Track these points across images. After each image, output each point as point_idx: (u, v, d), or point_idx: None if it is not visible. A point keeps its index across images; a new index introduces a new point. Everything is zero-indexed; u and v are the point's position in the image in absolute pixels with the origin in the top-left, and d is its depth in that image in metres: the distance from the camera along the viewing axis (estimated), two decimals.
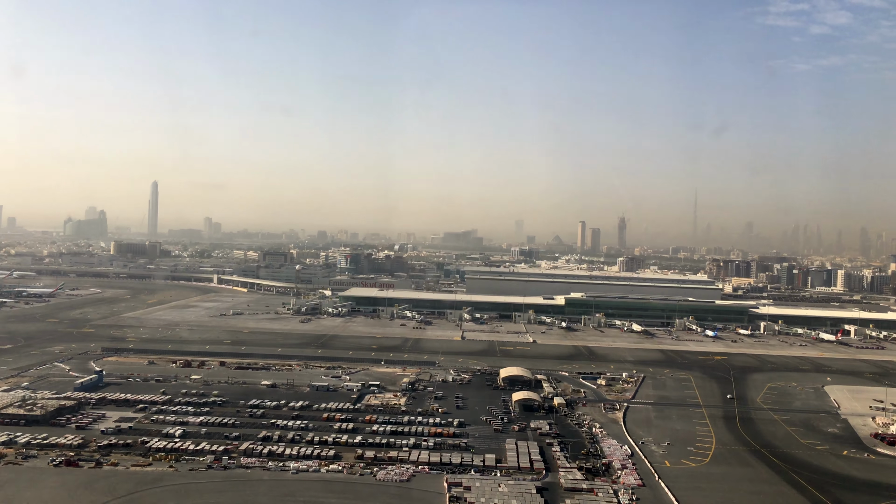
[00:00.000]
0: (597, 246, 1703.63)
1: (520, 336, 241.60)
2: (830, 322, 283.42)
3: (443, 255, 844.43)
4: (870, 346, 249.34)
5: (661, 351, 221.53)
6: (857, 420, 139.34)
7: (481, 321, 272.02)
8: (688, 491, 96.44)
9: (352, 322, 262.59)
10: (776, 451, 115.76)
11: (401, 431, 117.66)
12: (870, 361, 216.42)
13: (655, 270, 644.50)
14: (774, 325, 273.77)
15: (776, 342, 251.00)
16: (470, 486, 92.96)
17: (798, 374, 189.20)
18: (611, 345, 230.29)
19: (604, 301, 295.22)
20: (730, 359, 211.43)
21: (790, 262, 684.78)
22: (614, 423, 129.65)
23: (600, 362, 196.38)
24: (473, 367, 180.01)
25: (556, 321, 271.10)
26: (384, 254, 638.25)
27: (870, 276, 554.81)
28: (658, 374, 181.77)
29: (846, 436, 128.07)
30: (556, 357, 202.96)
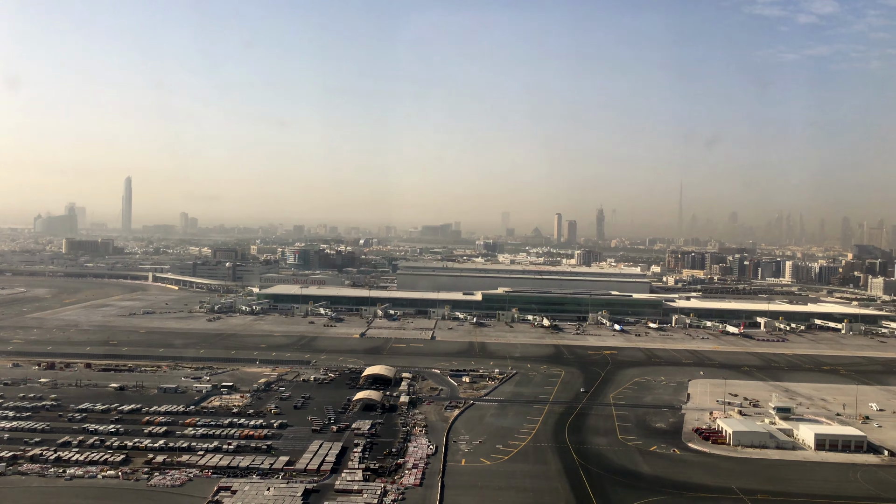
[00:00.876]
0: (573, 238, 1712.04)
1: (423, 332, 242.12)
2: (745, 315, 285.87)
3: (407, 249, 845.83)
4: (773, 338, 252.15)
5: (555, 346, 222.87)
6: (693, 415, 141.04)
7: (394, 318, 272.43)
8: (461, 489, 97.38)
9: (260, 320, 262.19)
10: (582, 448, 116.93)
11: (210, 435, 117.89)
12: (758, 354, 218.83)
13: (611, 263, 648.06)
14: (685, 319, 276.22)
15: (680, 335, 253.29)
16: (236, 490, 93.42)
17: (674, 368, 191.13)
18: (510, 340, 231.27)
19: (520, 296, 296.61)
20: (619, 353, 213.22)
21: (742, 253, 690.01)
22: (443, 422, 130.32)
23: (485, 358, 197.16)
24: (346, 365, 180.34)
25: (468, 317, 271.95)
26: (339, 249, 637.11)
27: (818, 268, 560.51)
28: (534, 369, 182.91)
29: (670, 431, 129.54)
30: (444, 354, 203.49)
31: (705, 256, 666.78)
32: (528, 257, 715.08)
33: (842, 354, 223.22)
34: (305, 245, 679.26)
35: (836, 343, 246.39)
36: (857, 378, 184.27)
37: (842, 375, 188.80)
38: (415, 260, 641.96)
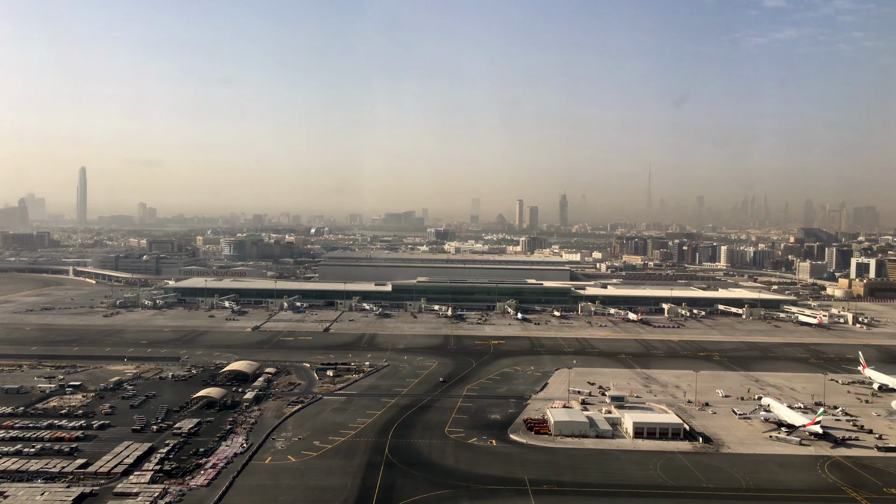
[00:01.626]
0: (534, 224, 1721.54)
1: (320, 325, 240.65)
2: (652, 301, 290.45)
3: (357, 238, 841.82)
4: (671, 325, 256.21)
5: (445, 336, 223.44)
6: (537, 405, 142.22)
7: (299, 310, 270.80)
8: (247, 489, 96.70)
9: (160, 315, 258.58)
10: (398, 442, 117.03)
11: (20, 438, 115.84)
12: (644, 341, 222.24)
13: (553, 251, 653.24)
14: (591, 306, 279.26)
15: (580, 323, 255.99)
16: (8, 496, 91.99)
17: (551, 357, 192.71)
18: (404, 332, 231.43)
19: (430, 286, 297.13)
20: (507, 342, 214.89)
21: (682, 238, 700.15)
22: (276, 419, 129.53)
23: (367, 350, 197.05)
24: (216, 361, 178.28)
25: (375, 308, 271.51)
26: (279, 239, 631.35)
27: (752, 252, 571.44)
28: (409, 361, 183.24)
29: (502, 423, 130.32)
30: (329, 347, 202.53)
31: (647, 242, 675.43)
32: (475, 245, 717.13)
33: (727, 340, 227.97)
34: (247, 235, 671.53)
35: (729, 328, 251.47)
36: (726, 364, 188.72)
37: (714, 361, 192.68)
38: (362, 249, 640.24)
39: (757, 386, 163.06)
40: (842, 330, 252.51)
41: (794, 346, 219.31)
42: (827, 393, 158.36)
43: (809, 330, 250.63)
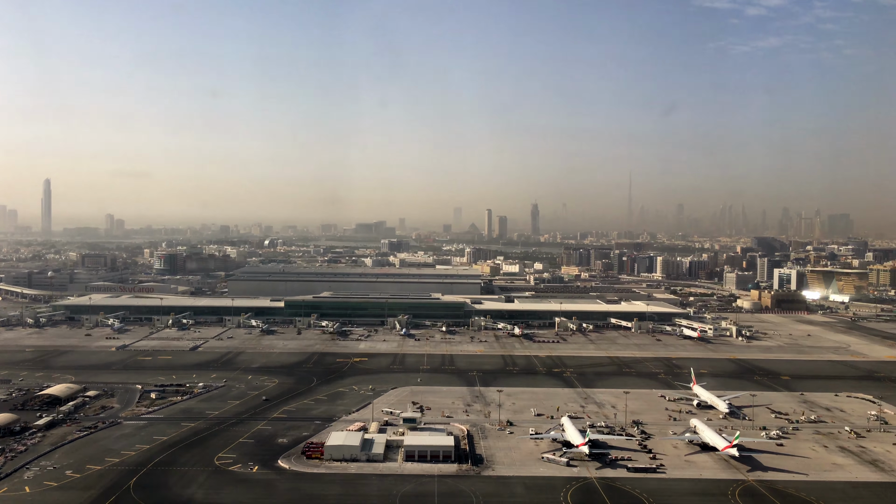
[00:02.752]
0: (504, 233, 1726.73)
1: (193, 343, 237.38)
2: (548, 315, 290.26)
3: (309, 250, 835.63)
4: (552, 339, 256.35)
5: (310, 354, 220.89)
6: (340, 426, 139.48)
7: (184, 327, 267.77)
8: None
9: (36, 334, 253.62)
10: (156, 471, 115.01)
11: None
12: (509, 357, 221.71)
13: (495, 262, 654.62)
14: (481, 321, 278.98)
15: (462, 339, 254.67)
16: None
17: (401, 375, 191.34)
18: (274, 349, 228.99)
19: (324, 302, 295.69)
20: (369, 360, 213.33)
21: (622, 249, 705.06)
22: (50, 446, 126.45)
23: (219, 371, 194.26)
24: (41, 384, 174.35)
25: (261, 325, 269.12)
26: (213, 252, 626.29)
27: (687, 263, 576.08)
28: (254, 380, 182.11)
29: (287, 446, 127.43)
30: (184, 366, 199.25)
31: (590, 253, 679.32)
32: (423, 256, 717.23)
33: (595, 355, 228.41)
34: (187, 248, 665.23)
35: (608, 343, 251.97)
36: (570, 381, 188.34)
37: (561, 378, 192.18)
38: (310, 262, 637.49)
39: (580, 403, 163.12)
40: (721, 343, 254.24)
41: (657, 360, 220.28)
42: (649, 409, 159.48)
43: (687, 343, 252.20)
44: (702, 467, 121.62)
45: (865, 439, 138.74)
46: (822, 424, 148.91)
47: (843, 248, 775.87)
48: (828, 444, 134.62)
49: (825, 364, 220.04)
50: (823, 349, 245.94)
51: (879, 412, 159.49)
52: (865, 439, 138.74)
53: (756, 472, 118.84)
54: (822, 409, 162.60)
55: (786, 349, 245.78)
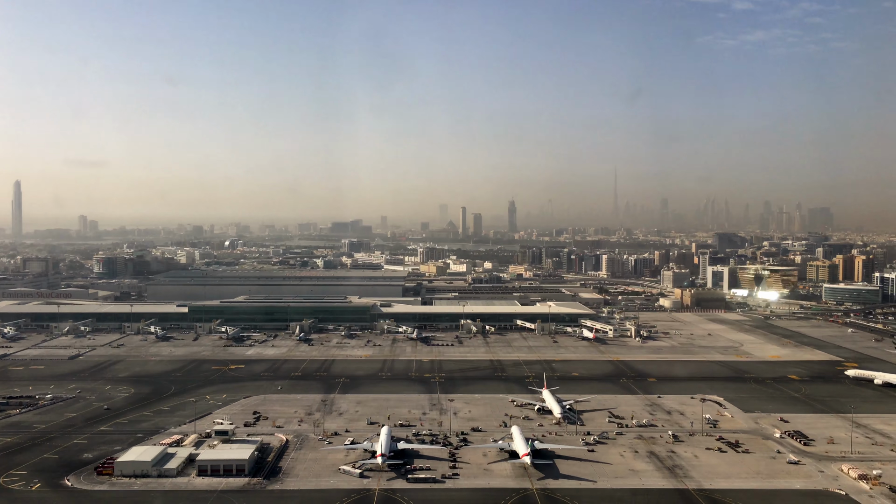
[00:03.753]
0: (479, 231, 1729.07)
1: (75, 351, 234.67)
2: (456, 317, 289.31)
3: (269, 251, 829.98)
4: (451, 342, 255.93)
5: (190, 361, 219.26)
6: (161, 438, 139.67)
7: (82, 334, 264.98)
8: None
9: None
10: None
11: None
12: (390, 362, 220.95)
13: (454, 260, 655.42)
14: (384, 325, 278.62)
15: (357, 343, 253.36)
16: None
17: (265, 383, 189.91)
18: (160, 357, 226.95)
19: (229, 307, 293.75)
20: (248, 366, 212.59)
21: (570, 248, 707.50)
22: None
23: (83, 381, 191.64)
24: None
25: (158, 331, 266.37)
26: (157, 254, 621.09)
27: (633, 261, 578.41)
28: (112, 389, 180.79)
29: (90, 461, 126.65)
30: (52, 376, 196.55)
31: (542, 251, 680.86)
32: (378, 257, 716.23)
33: (478, 358, 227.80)
34: (135, 251, 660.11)
35: (503, 345, 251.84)
36: (431, 386, 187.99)
37: (427, 383, 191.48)
38: (263, 263, 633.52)
39: (425, 409, 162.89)
40: (615, 345, 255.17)
41: (538, 363, 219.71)
42: (492, 415, 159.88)
43: (581, 345, 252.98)
44: (497, 475, 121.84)
45: (683, 444, 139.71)
46: (652, 429, 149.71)
47: (796, 244, 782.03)
48: (639, 450, 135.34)
49: (704, 365, 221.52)
50: (713, 349, 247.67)
51: (717, 415, 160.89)
52: (683, 444, 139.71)
53: (547, 480, 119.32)
54: (664, 412, 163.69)
55: (676, 350, 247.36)
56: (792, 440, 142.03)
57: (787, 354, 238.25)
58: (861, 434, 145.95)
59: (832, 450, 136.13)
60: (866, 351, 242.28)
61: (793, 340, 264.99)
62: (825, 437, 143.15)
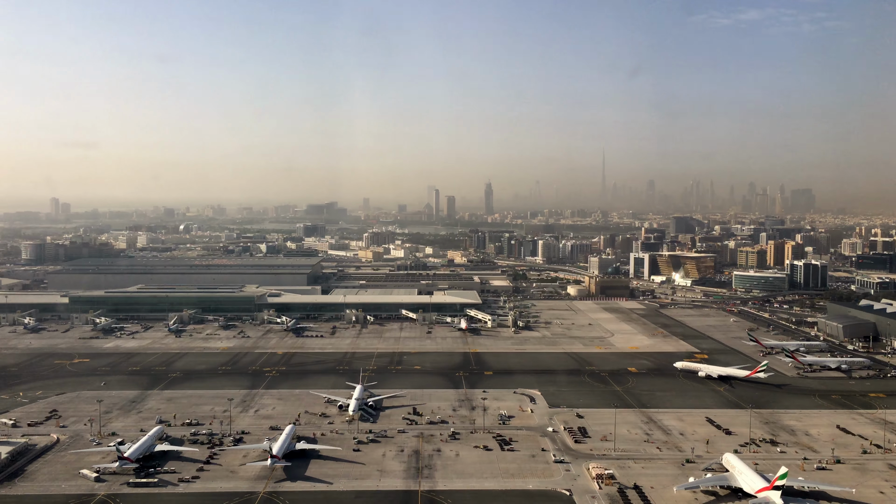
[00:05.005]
0: (452, 213, 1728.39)
1: None
2: (342, 307, 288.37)
3: (220, 235, 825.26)
4: (324, 333, 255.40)
5: (36, 355, 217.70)
6: None
7: None
8: None
9: None
10: None
11: None
12: (234, 353, 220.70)
13: (399, 244, 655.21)
14: (264, 315, 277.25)
15: (230, 335, 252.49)
16: None
17: (84, 379, 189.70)
18: (13, 349, 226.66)
19: (112, 297, 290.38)
20: (94, 360, 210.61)
21: (512, 233, 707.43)
22: None
23: None
24: None
25: (32, 321, 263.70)
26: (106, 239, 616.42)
27: (570, 246, 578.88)
28: None
29: None
30: None
31: (486, 236, 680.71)
32: (322, 242, 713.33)
33: (331, 351, 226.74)
34: (73, 236, 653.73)
35: (374, 336, 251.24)
36: (258, 382, 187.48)
37: (252, 376, 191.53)
38: (210, 248, 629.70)
39: (225, 407, 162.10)
40: (487, 336, 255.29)
41: (389, 355, 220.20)
42: (296, 413, 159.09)
43: (450, 336, 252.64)
44: (240, 478, 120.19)
45: (457, 441, 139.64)
46: (441, 425, 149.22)
47: (745, 228, 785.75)
48: (406, 448, 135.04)
49: (556, 357, 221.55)
50: (579, 340, 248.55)
51: (520, 410, 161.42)
52: (457, 441, 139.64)
53: (284, 483, 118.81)
54: (470, 408, 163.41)
55: (542, 341, 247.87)
56: (568, 437, 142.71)
57: (649, 346, 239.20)
58: (644, 430, 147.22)
59: (599, 447, 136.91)
60: (729, 342, 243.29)
61: (667, 331, 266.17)
62: (603, 434, 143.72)
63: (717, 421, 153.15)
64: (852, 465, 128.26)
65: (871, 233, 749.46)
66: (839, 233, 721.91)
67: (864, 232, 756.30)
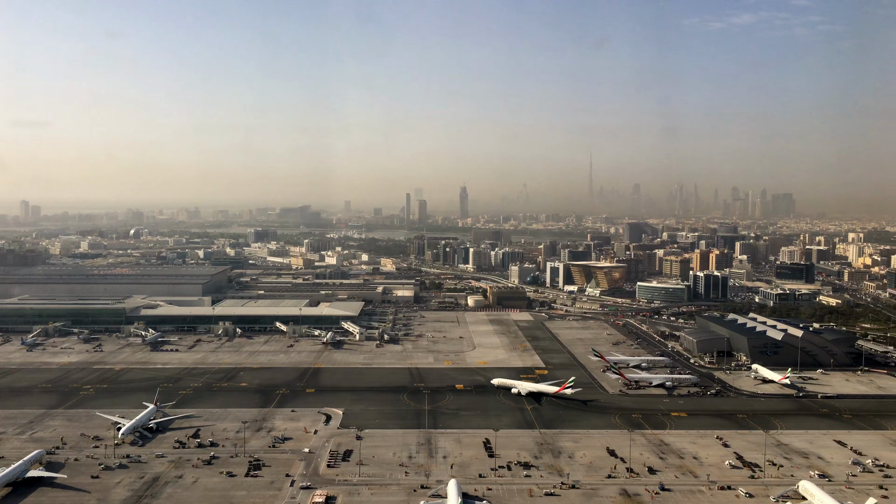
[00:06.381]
0: (424, 217, 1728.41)
1: None
2: (216, 320, 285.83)
3: (168, 240, 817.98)
4: (180, 347, 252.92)
5: None
6: None
7: None
8: None
9: None
10: None
11: None
12: (73, 370, 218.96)
13: (338, 252, 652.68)
14: (130, 328, 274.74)
15: (85, 349, 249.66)
16: None
17: None
18: None
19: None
20: None
21: (453, 239, 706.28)
22: None
23: None
24: None
25: None
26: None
27: (501, 255, 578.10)
28: None
29: None
30: None
31: (424, 243, 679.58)
32: (262, 248, 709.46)
33: (176, 366, 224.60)
34: (6, 242, 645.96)
35: (233, 350, 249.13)
36: (69, 400, 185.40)
37: (62, 395, 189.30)
38: (146, 255, 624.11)
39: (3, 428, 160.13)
40: (349, 349, 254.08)
41: (224, 371, 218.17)
42: (68, 438, 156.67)
43: (307, 349, 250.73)
44: None
45: (210, 467, 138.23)
46: (210, 449, 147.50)
47: (690, 235, 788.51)
48: (145, 475, 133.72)
49: (398, 372, 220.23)
50: (434, 353, 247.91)
51: (304, 431, 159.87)
52: (210, 467, 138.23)
53: None
54: (255, 430, 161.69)
55: (398, 354, 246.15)
56: (326, 460, 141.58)
57: (501, 361, 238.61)
58: (411, 452, 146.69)
59: (348, 472, 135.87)
60: (582, 357, 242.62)
61: (532, 344, 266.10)
62: (370, 456, 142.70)
63: (494, 442, 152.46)
64: (583, 491, 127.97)
65: (814, 240, 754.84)
66: (781, 241, 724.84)
67: (807, 239, 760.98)
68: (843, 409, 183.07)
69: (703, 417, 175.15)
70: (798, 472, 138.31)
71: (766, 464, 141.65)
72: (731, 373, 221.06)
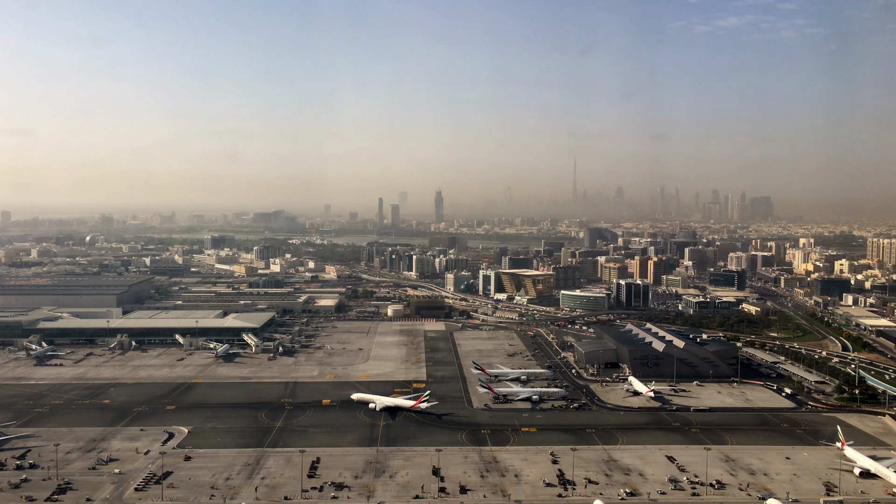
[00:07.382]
0: (397, 221, 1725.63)
1: None
2: (114, 332, 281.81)
3: (123, 248, 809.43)
4: (59, 363, 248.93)
5: None
6: None
7: None
8: None
9: None
10: None
11: None
12: None
13: (286, 259, 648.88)
14: (23, 342, 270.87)
15: None
16: None
17: None
18: None
19: None
20: None
21: (393, 247, 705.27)
22: None
23: None
24: None
25: None
26: None
27: (445, 262, 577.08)
28: None
29: None
30: None
31: (373, 249, 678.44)
32: (220, 253, 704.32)
33: (18, 382, 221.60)
34: None
35: (111, 364, 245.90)
36: None
37: None
38: (92, 264, 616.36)
39: None
40: (243, 362, 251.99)
41: (91, 387, 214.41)
42: None
43: (197, 363, 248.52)
44: None
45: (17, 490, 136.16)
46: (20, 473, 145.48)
47: (643, 241, 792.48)
48: None
49: (274, 387, 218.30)
50: (324, 366, 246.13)
51: (136, 451, 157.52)
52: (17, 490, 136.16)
53: None
54: (86, 451, 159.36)
55: (286, 367, 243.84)
56: (134, 483, 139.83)
57: (385, 374, 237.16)
58: (231, 474, 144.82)
59: (151, 494, 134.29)
60: (467, 370, 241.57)
61: (428, 356, 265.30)
62: (186, 478, 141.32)
63: (322, 462, 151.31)
64: None
65: (766, 246, 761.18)
66: (728, 247, 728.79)
67: (759, 245, 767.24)
68: (696, 423, 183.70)
69: (552, 433, 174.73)
70: (609, 489, 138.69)
71: (584, 481, 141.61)
72: (606, 385, 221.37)
